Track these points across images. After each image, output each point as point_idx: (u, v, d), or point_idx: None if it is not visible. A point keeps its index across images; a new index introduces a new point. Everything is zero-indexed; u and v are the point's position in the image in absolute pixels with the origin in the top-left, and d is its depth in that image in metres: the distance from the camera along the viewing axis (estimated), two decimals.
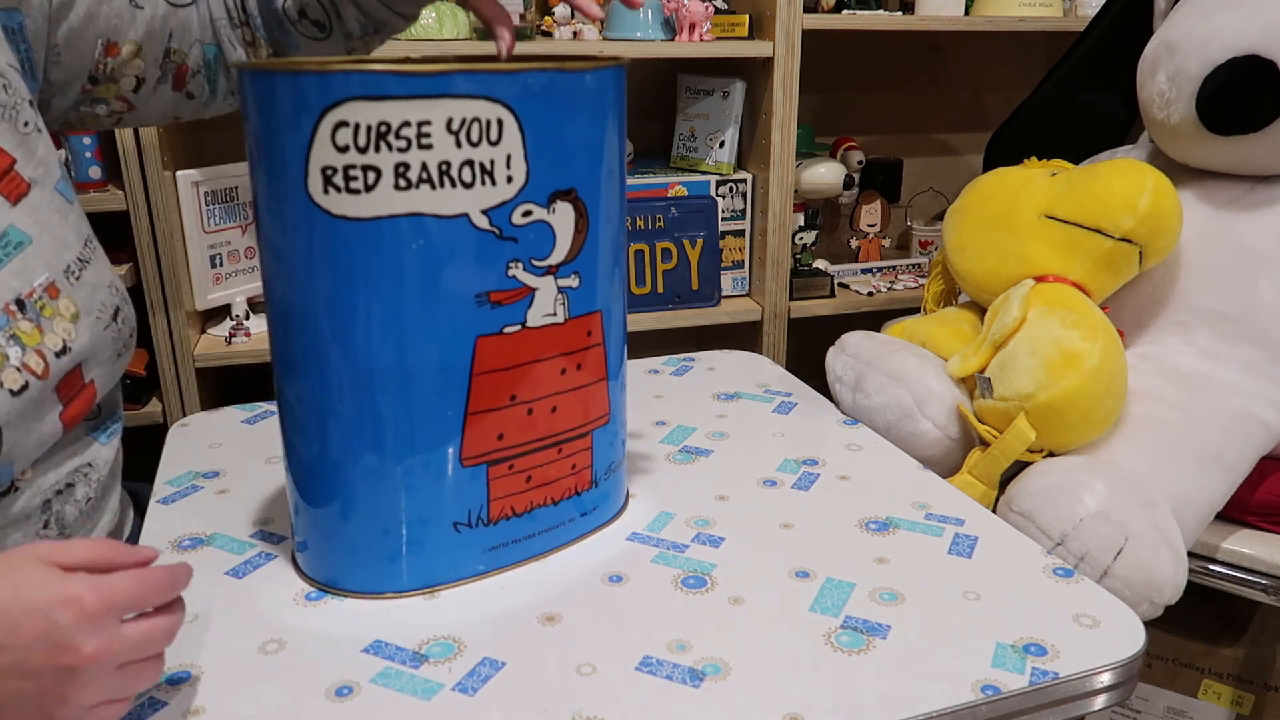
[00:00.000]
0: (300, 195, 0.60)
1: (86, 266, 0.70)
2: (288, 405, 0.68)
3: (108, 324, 0.71)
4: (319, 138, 0.59)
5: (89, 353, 0.69)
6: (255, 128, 0.61)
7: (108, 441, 0.76)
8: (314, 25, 0.84)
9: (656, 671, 0.61)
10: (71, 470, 0.71)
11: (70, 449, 0.71)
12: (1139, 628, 0.65)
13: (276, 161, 0.60)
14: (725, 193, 1.61)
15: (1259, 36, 0.99)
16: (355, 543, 0.69)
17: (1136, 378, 1.00)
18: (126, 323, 0.75)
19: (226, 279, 1.46)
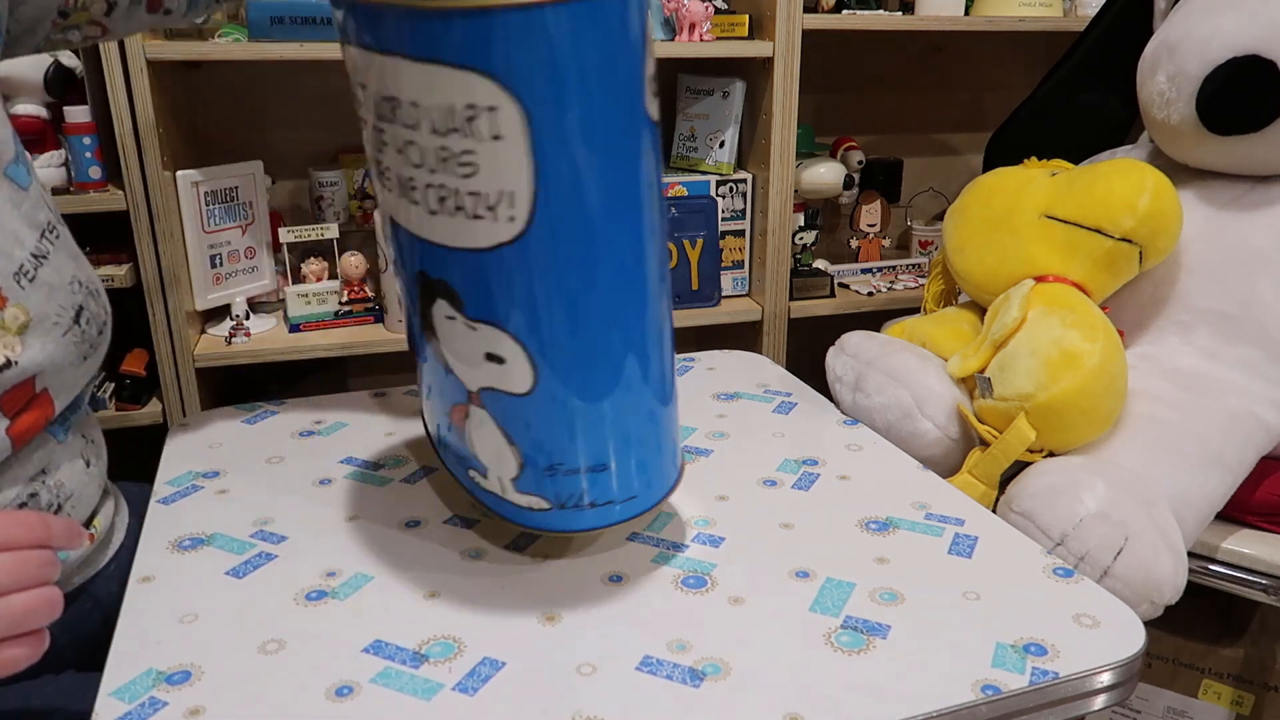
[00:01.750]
0: (639, 111, 0.58)
1: (43, 263, 0.65)
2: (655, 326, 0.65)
3: (68, 328, 0.67)
4: (649, 53, 0.58)
5: (43, 365, 0.65)
6: (591, 57, 0.55)
7: (66, 436, 0.72)
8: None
9: (656, 671, 0.61)
10: (29, 479, 0.68)
11: (25, 454, 0.68)
12: (1139, 628, 0.65)
13: (616, 85, 0.56)
14: (725, 193, 1.61)
15: (1259, 36, 0.99)
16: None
17: (1136, 378, 1.00)
18: (93, 322, 0.70)
19: (226, 279, 1.46)
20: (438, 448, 0.78)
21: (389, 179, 0.62)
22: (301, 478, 0.87)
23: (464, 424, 0.68)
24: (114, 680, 0.61)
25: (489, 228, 0.58)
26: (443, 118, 0.56)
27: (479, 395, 0.65)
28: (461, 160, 0.57)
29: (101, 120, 1.35)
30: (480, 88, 0.54)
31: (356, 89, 0.62)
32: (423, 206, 0.60)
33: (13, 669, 0.55)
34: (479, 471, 0.70)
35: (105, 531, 0.79)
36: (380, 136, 0.60)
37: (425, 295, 0.64)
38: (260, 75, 1.58)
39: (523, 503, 0.68)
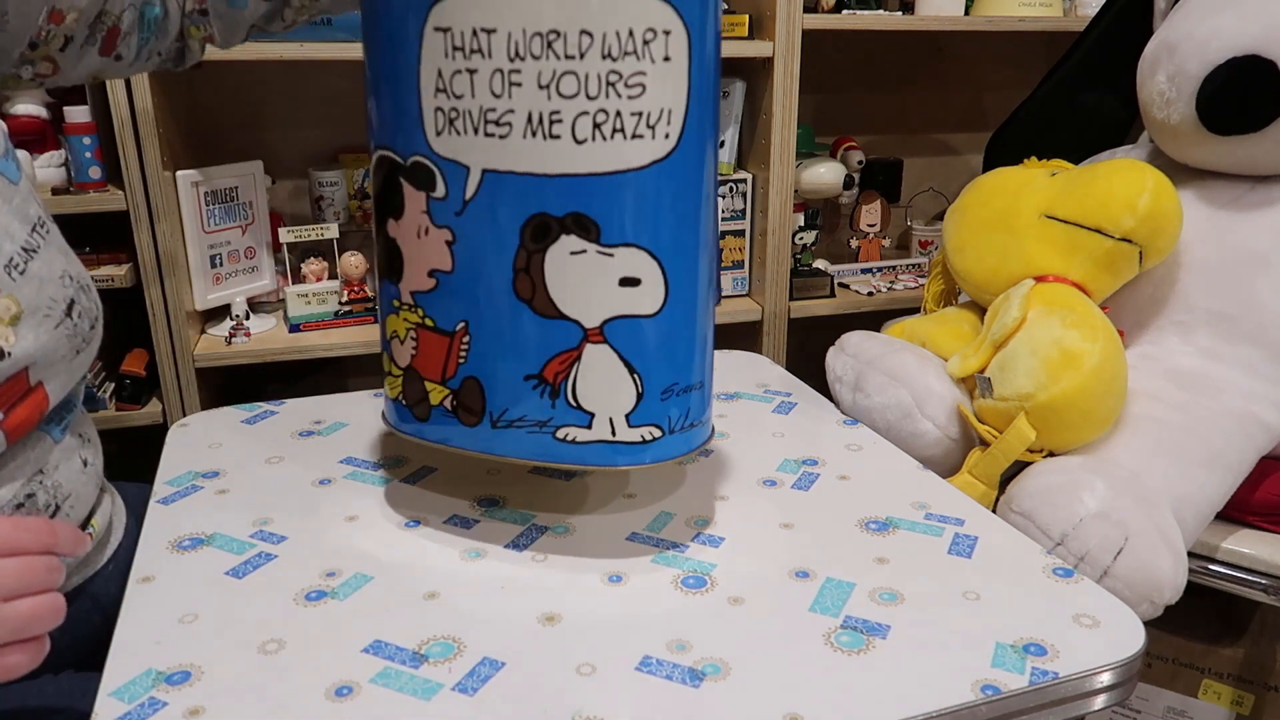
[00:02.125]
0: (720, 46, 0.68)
1: (33, 257, 0.66)
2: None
3: (59, 321, 0.67)
4: None
5: (36, 356, 0.65)
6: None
7: (63, 436, 0.72)
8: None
9: (656, 671, 0.61)
10: (26, 479, 0.68)
11: (21, 454, 0.68)
12: (1139, 628, 0.65)
13: (718, 23, 0.67)
14: (725, 193, 1.61)
15: (1259, 36, 0.99)
16: None
17: (1136, 378, 1.00)
18: (84, 316, 0.71)
19: (226, 279, 1.47)
20: (484, 433, 0.72)
21: (504, 124, 0.65)
22: (301, 478, 0.87)
23: (569, 372, 0.68)
24: (114, 680, 0.61)
25: (646, 146, 0.65)
26: (619, 42, 0.63)
27: (601, 329, 0.68)
28: (630, 81, 0.64)
29: (101, 120, 1.35)
30: (659, 12, 0.63)
31: (470, 38, 0.64)
32: (566, 139, 0.64)
33: (12, 675, 0.55)
34: (577, 424, 0.70)
35: (103, 531, 0.79)
36: (511, 78, 0.64)
37: (538, 239, 0.66)
38: (260, 75, 1.58)
39: (634, 437, 0.70)
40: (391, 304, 0.74)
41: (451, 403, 0.72)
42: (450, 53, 0.65)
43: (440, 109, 0.66)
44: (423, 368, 0.73)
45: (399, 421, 0.77)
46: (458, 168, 0.67)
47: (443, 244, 0.69)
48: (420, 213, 0.69)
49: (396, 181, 0.70)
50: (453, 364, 0.71)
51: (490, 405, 0.71)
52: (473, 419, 0.72)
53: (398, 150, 0.70)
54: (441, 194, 0.68)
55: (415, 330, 0.72)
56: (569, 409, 0.70)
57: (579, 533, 0.78)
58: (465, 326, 0.70)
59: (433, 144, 0.67)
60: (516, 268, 0.67)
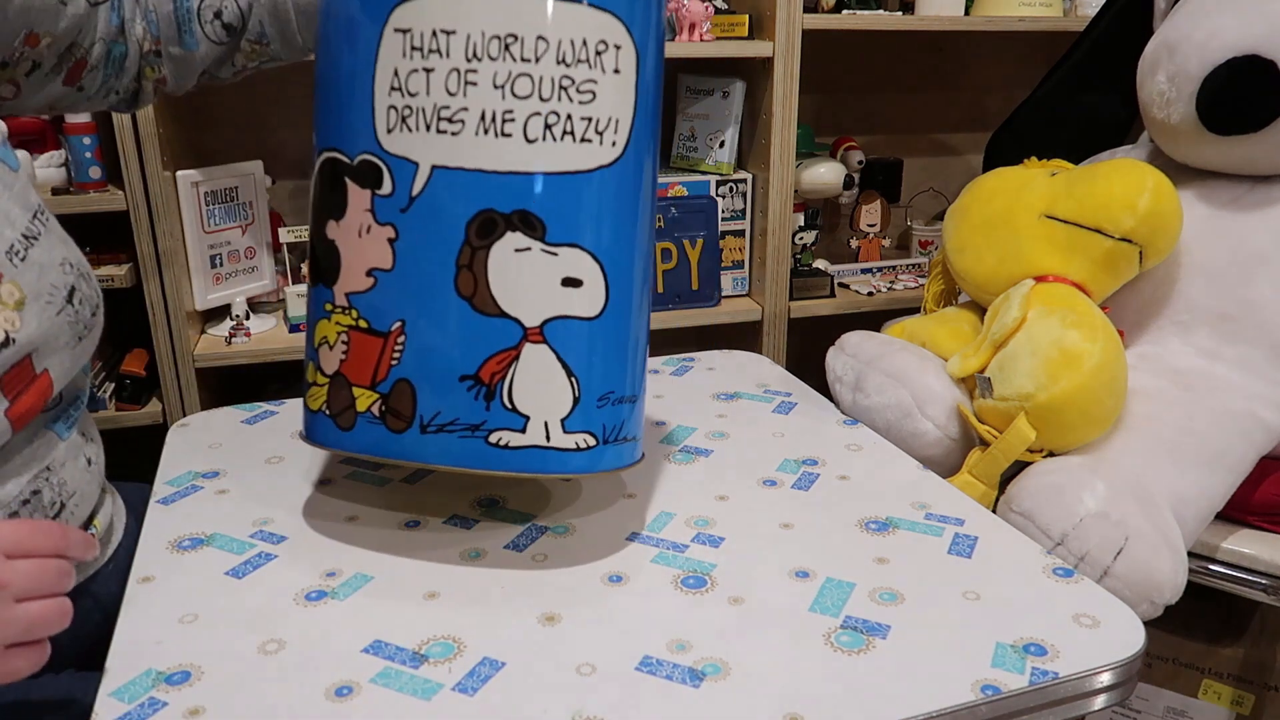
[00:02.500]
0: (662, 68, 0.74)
1: (34, 244, 0.66)
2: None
3: (61, 307, 0.68)
4: None
5: (39, 341, 0.66)
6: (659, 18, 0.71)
7: (68, 434, 0.73)
8: (224, 28, 0.86)
9: (656, 671, 0.61)
10: (33, 476, 0.69)
11: (28, 450, 0.69)
12: (1139, 628, 0.65)
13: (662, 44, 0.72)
14: (725, 193, 1.61)
15: (1259, 36, 0.99)
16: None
17: (1136, 377, 1.00)
18: (86, 303, 0.71)
19: (226, 279, 1.46)
20: (411, 439, 0.70)
21: (458, 121, 0.66)
22: (301, 478, 0.88)
23: (506, 373, 0.68)
24: (114, 680, 0.61)
25: (594, 151, 0.68)
26: (573, 50, 0.67)
27: (541, 329, 0.68)
28: (581, 87, 0.67)
29: (101, 120, 1.35)
30: (611, 27, 0.68)
31: (430, 38, 0.66)
32: (517, 138, 0.67)
33: (15, 677, 0.55)
34: (511, 428, 0.69)
35: (104, 531, 0.79)
36: (467, 78, 0.66)
37: (483, 235, 0.67)
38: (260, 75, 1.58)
39: (568, 444, 0.70)
40: (323, 308, 0.72)
41: (380, 408, 0.70)
42: (408, 52, 0.67)
43: (394, 106, 0.67)
44: (352, 372, 0.71)
45: (318, 435, 0.73)
46: (406, 164, 0.68)
47: (384, 241, 0.69)
48: (363, 211, 0.69)
49: (341, 181, 0.70)
50: (385, 366, 0.70)
51: (421, 408, 0.69)
52: (401, 424, 0.70)
53: (344, 150, 0.70)
54: (388, 191, 0.68)
55: (347, 333, 0.71)
56: (504, 412, 0.69)
57: (579, 533, 0.78)
58: (401, 326, 0.69)
59: (382, 141, 0.68)
60: (459, 264, 0.67)
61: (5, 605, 0.54)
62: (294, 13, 0.88)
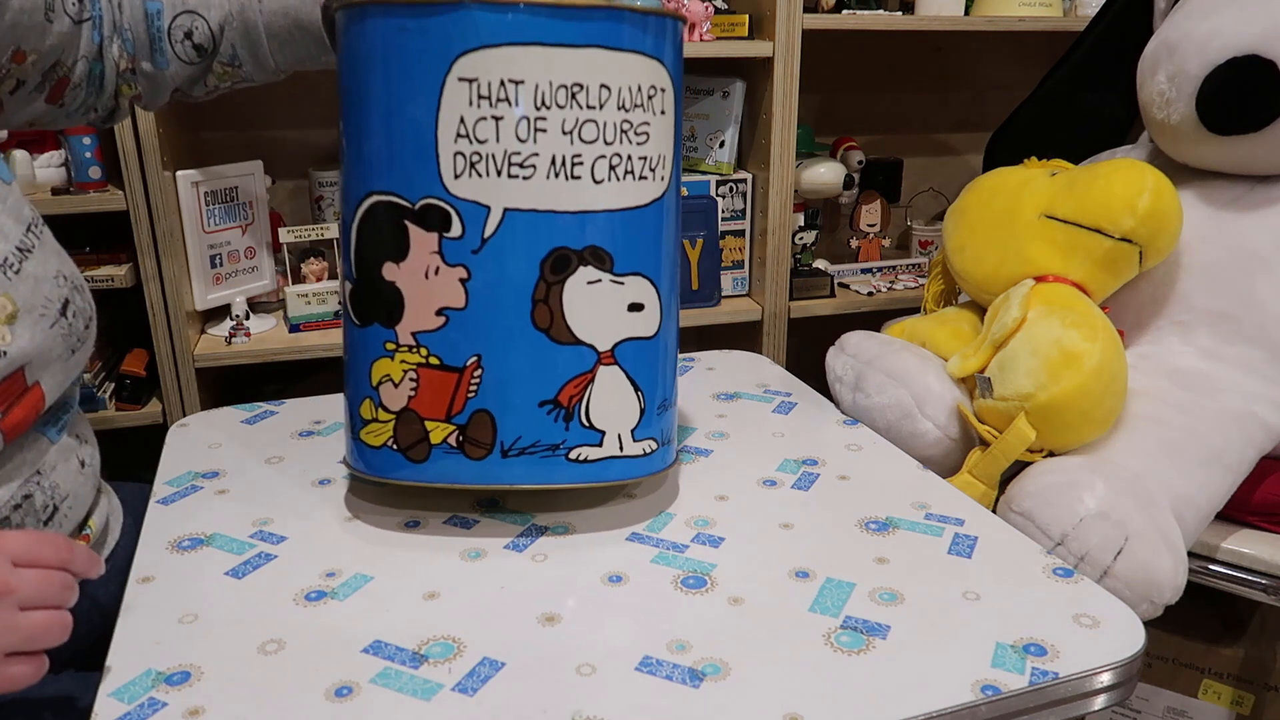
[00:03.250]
0: None
1: (28, 256, 0.66)
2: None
3: (55, 320, 0.68)
4: None
5: (33, 355, 0.66)
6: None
7: (60, 437, 0.73)
8: (195, 48, 0.86)
9: (656, 671, 0.61)
10: (24, 480, 0.68)
11: (18, 455, 0.68)
12: (1139, 628, 0.65)
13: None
14: (725, 193, 1.61)
15: (1259, 36, 0.99)
16: None
17: (1136, 378, 1.00)
18: (79, 316, 0.71)
19: (226, 279, 1.46)
20: (492, 464, 0.74)
21: (529, 166, 0.71)
22: (301, 478, 0.87)
23: (583, 393, 0.75)
24: (114, 680, 0.61)
25: (649, 186, 0.75)
26: (630, 97, 0.72)
27: (612, 352, 0.75)
28: (639, 130, 0.74)
29: None
30: (659, 73, 0.74)
31: (498, 88, 0.70)
32: (585, 180, 0.72)
33: (14, 687, 0.55)
34: (589, 443, 0.75)
35: (100, 532, 0.79)
36: (537, 125, 0.70)
37: (558, 270, 0.72)
38: None
39: (637, 450, 0.77)
40: (383, 348, 0.75)
41: (457, 439, 0.74)
42: (475, 101, 0.70)
43: (461, 153, 0.70)
44: (423, 407, 0.74)
45: (387, 469, 0.76)
46: (477, 208, 0.71)
47: (455, 282, 0.72)
48: (430, 253, 0.72)
49: (400, 225, 0.72)
50: (460, 399, 0.74)
51: (501, 435, 0.74)
52: (480, 452, 0.74)
53: (402, 194, 0.72)
54: (457, 234, 0.71)
55: (415, 370, 0.74)
56: (582, 429, 0.75)
57: (579, 533, 0.78)
58: (478, 360, 0.73)
59: (450, 186, 0.71)
60: (535, 299, 0.72)
61: (9, 611, 0.54)
62: (266, 36, 0.88)
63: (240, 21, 0.86)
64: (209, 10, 0.86)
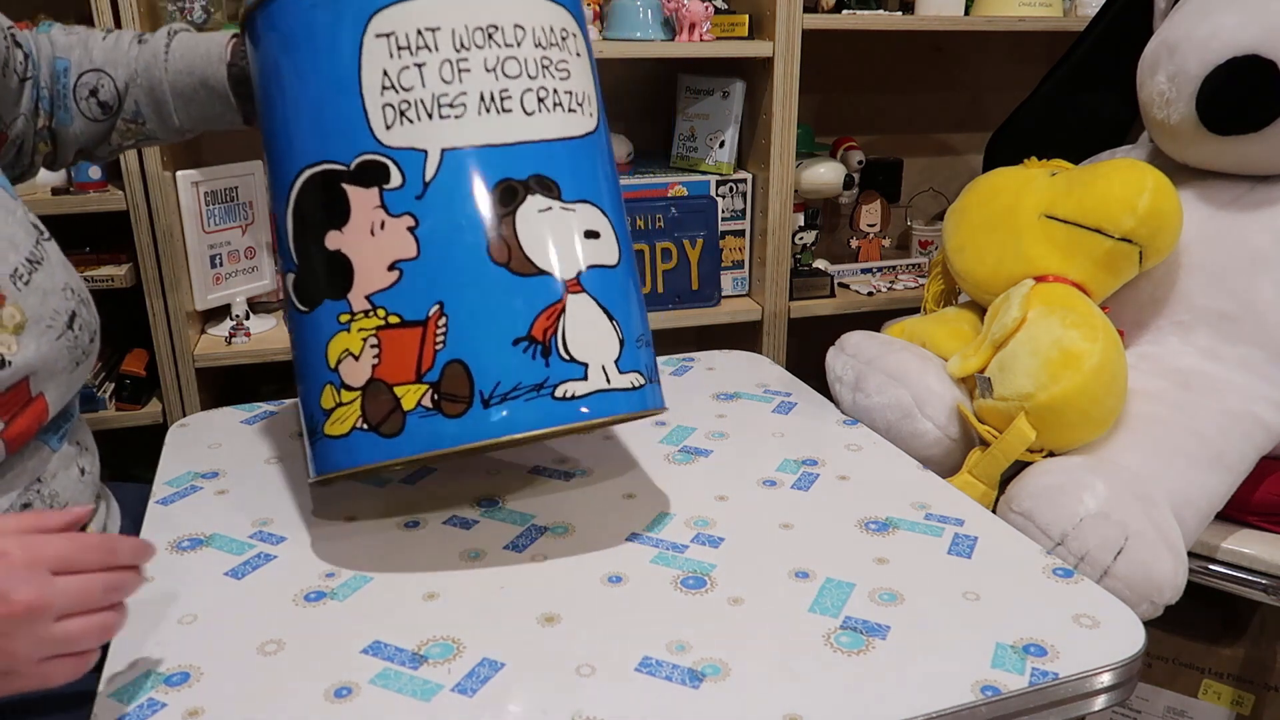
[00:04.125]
0: None
1: (37, 268, 0.67)
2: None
3: (61, 332, 0.68)
4: None
5: (38, 365, 0.66)
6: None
7: (61, 445, 0.73)
8: (100, 106, 0.85)
9: (656, 672, 0.61)
10: (24, 488, 0.69)
11: (20, 465, 0.69)
12: (1139, 628, 0.65)
13: None
14: (725, 193, 1.61)
15: (1259, 36, 0.99)
16: None
17: (1136, 377, 1.00)
18: (85, 329, 0.72)
19: (226, 279, 1.46)
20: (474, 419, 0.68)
21: (459, 105, 0.70)
22: (301, 478, 0.87)
23: (557, 326, 0.70)
24: (113, 681, 0.61)
25: (580, 120, 0.75)
26: (545, 35, 0.74)
27: (579, 280, 0.72)
28: (558, 67, 0.74)
29: None
30: (564, 17, 0.76)
31: (415, 37, 0.70)
32: (517, 112, 0.72)
33: (48, 684, 0.55)
34: (574, 377, 0.70)
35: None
36: (460, 66, 0.71)
37: (506, 202, 0.70)
38: None
39: (626, 383, 0.73)
40: (336, 322, 0.71)
41: (432, 398, 0.68)
42: (395, 53, 0.70)
43: (389, 104, 0.70)
44: (390, 373, 0.69)
45: (358, 455, 0.70)
46: (414, 154, 0.70)
47: (404, 231, 0.69)
48: (373, 208, 0.70)
49: (338, 190, 0.71)
50: (429, 353, 0.68)
51: (479, 384, 0.68)
52: (459, 407, 0.68)
53: (336, 159, 0.71)
54: (397, 184, 0.70)
55: (375, 334, 0.69)
56: (563, 363, 0.70)
57: (579, 533, 0.78)
58: (440, 308, 0.68)
59: (382, 138, 0.70)
60: (489, 234, 0.70)
61: (44, 625, 0.53)
62: (171, 95, 0.87)
63: (145, 79, 0.85)
64: (115, 69, 0.85)
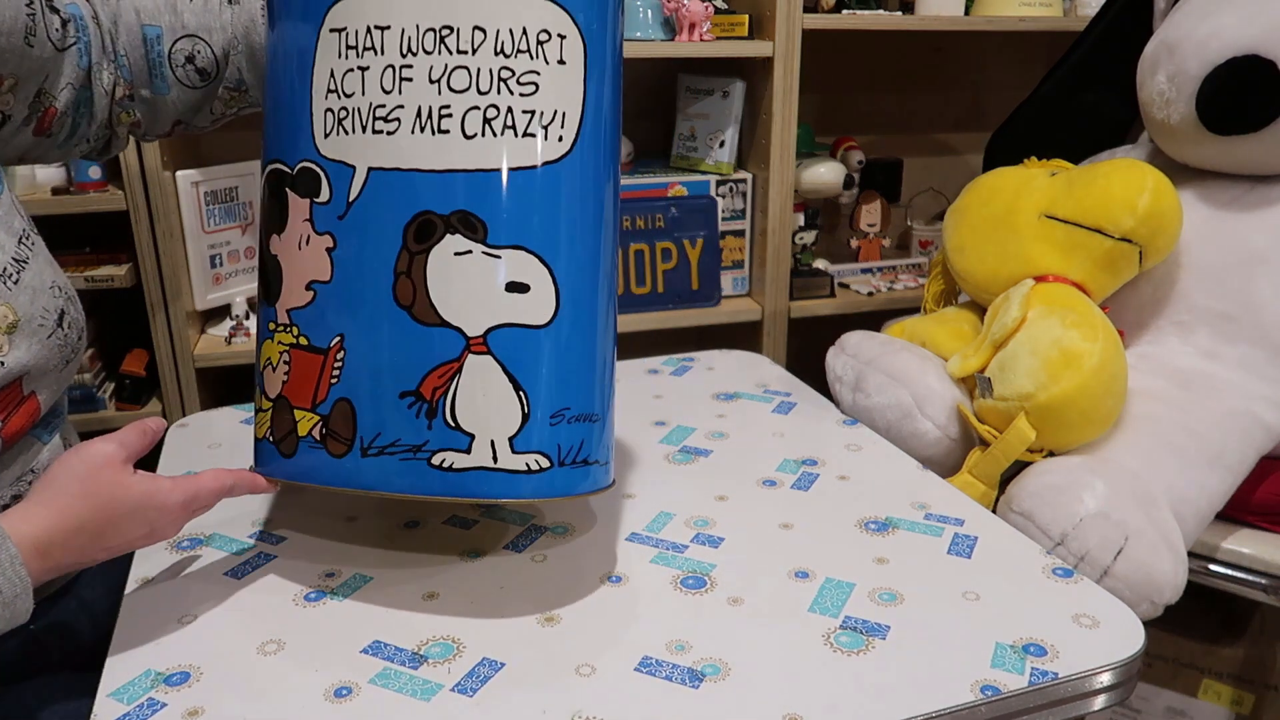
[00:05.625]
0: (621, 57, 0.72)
1: (24, 268, 0.67)
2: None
3: (51, 331, 0.68)
4: None
5: (30, 365, 0.66)
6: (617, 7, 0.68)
7: (50, 439, 0.73)
8: (198, 73, 0.83)
9: (656, 672, 0.61)
10: (15, 480, 0.69)
11: (12, 459, 0.69)
12: (1139, 628, 0.65)
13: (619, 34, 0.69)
14: (725, 192, 1.61)
15: (1259, 36, 0.99)
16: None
17: (1136, 377, 1.00)
18: (73, 327, 0.71)
19: (226, 279, 1.46)
20: (351, 464, 0.65)
21: (393, 120, 0.63)
22: None
23: (448, 387, 0.63)
24: (113, 681, 0.61)
25: (538, 146, 0.64)
26: (513, 40, 0.63)
27: (484, 339, 0.63)
28: (522, 79, 0.64)
29: None
30: (554, 15, 0.64)
31: (365, 36, 0.64)
32: (455, 134, 0.63)
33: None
34: (455, 448, 0.64)
35: None
36: (402, 74, 0.63)
37: (421, 238, 0.63)
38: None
39: (518, 465, 0.64)
40: (267, 328, 0.69)
41: (320, 431, 0.66)
42: (344, 52, 0.64)
43: (330, 109, 0.65)
44: (293, 394, 0.67)
45: (263, 463, 0.70)
46: (344, 169, 0.65)
47: (323, 252, 0.65)
48: (302, 221, 0.66)
49: (282, 193, 0.67)
50: (324, 385, 0.65)
51: (361, 429, 0.65)
52: (341, 447, 0.65)
53: (286, 160, 0.67)
54: (325, 198, 0.65)
55: (289, 352, 0.67)
56: (447, 430, 0.64)
57: (579, 533, 0.78)
58: (340, 341, 0.65)
59: (320, 147, 0.65)
60: (398, 271, 0.64)
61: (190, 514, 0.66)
62: None
63: (245, 45, 0.83)
64: (211, 34, 0.82)
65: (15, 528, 0.58)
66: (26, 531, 0.58)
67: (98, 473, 0.61)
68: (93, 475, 0.60)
